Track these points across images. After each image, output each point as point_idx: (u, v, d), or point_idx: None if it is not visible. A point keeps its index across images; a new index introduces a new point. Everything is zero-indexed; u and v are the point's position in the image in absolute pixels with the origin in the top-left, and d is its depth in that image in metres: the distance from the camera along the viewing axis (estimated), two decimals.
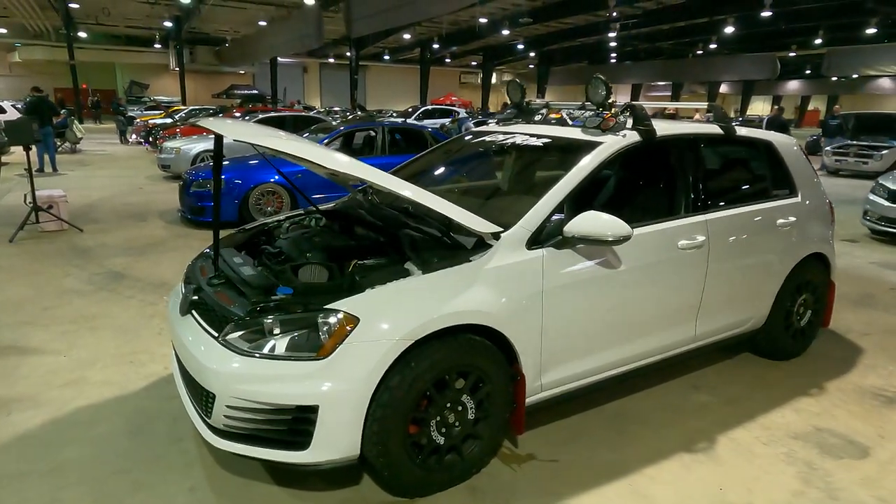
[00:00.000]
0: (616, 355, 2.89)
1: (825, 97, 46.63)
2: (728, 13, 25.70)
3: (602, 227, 2.49)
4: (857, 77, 36.55)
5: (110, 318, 4.27)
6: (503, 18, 27.94)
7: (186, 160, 11.06)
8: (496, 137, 3.49)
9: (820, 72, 36.01)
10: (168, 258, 5.91)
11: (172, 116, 20.17)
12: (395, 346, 2.18)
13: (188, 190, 7.31)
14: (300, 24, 22.33)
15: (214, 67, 36.48)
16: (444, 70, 44.76)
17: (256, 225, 3.53)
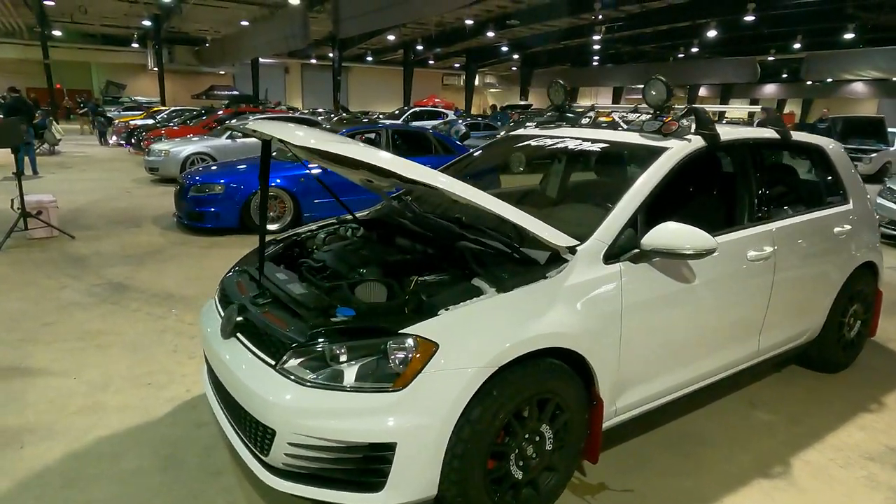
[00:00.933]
0: (688, 374, 2.72)
1: (800, 101, 47.48)
2: (710, 17, 25.92)
3: (684, 240, 2.31)
4: (832, 81, 37.15)
5: (118, 335, 3.97)
6: (488, 20, 27.85)
7: (176, 163, 10.70)
8: (542, 142, 3.29)
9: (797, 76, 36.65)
10: (170, 267, 5.60)
11: (154, 117, 19.65)
12: (479, 373, 1.97)
13: (185, 194, 6.98)
14: (285, 24, 21.95)
15: (194, 67, 35.77)
16: (427, 72, 44.54)
17: (287, 235, 3.28)
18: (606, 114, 3.34)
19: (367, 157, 2.05)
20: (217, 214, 6.84)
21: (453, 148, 8.48)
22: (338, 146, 2.09)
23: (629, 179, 2.63)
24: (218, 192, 6.83)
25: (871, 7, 22.01)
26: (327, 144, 2.10)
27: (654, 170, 2.61)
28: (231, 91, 36.77)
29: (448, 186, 2.04)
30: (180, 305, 4.56)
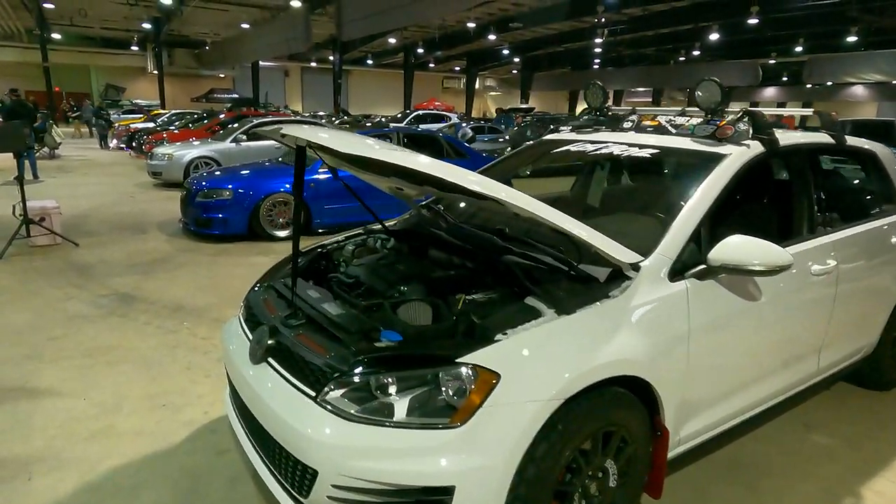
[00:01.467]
0: (751, 397, 2.52)
1: (800, 104, 47.43)
2: (713, 20, 25.78)
3: (756, 255, 2.11)
4: (832, 84, 37.05)
5: (128, 350, 3.77)
6: (489, 23, 27.71)
7: (179, 167, 10.50)
8: (583, 147, 3.10)
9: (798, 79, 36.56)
10: (180, 277, 5.39)
11: (155, 121, 19.45)
12: (545, 407, 1.77)
13: (192, 200, 6.78)
14: (286, 27, 21.78)
15: (193, 71, 35.57)
16: (427, 75, 44.38)
17: (312, 247, 3.08)
18: (651, 117, 3.14)
19: (424, 168, 1.84)
20: (225, 221, 6.64)
21: (464, 151, 8.29)
22: (386, 154, 1.89)
23: (685, 188, 2.44)
24: (226, 197, 6.63)
25: (874, 10, 21.89)
26: (375, 152, 1.90)
27: (714, 178, 2.41)
28: (231, 94, 36.61)
29: (517, 201, 1.84)
30: (192, 318, 4.35)
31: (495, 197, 1.78)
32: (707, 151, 2.59)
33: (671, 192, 2.59)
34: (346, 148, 1.90)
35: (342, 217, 7.17)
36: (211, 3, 24.63)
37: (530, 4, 25.47)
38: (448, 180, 1.78)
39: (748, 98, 47.23)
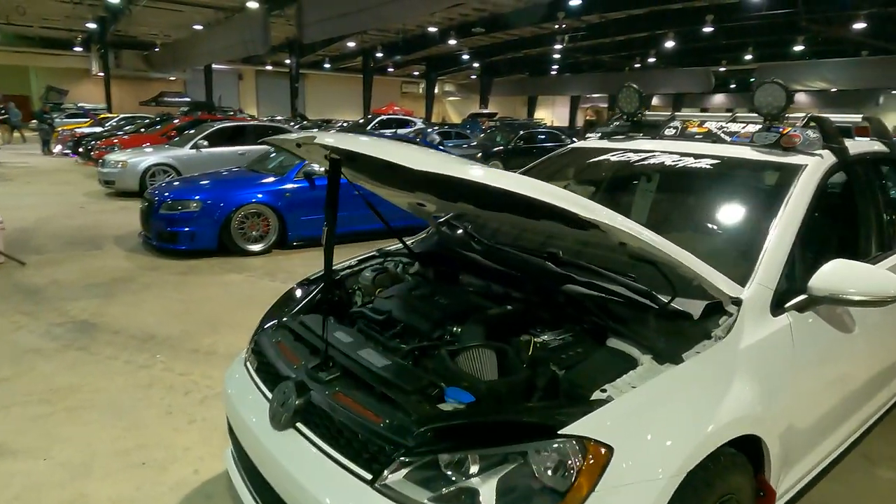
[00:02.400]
0: (842, 435, 2.24)
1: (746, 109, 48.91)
2: (668, 28, 26.26)
3: (866, 282, 1.82)
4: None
5: (94, 393, 3.24)
6: (450, 28, 27.51)
7: (134, 175, 9.80)
8: (623, 157, 2.77)
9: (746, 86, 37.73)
10: (146, 299, 4.83)
11: (102, 125, 18.40)
12: (667, 486, 1.42)
13: (155, 213, 6.18)
14: (243, 29, 20.99)
15: (142, 73, 34.10)
16: (386, 79, 43.86)
17: (319, 274, 2.66)
18: (697, 123, 2.85)
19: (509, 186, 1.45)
20: (192, 235, 6.07)
21: None
22: (458, 168, 1.51)
23: (764, 204, 2.14)
24: (193, 209, 6.07)
25: (822, 21, 22.65)
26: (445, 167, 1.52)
27: (800, 193, 2.12)
28: (182, 98, 35.23)
29: (630, 229, 1.49)
30: (165, 349, 3.83)
31: (612, 225, 1.42)
32: (779, 162, 2.30)
33: (746, 210, 2.29)
34: (420, 164, 1.50)
35: (319, 229, 6.70)
36: (162, 2, 23.58)
37: (491, 10, 25.40)
38: (557, 205, 1.40)
39: (698, 104, 48.65)
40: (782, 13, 21.83)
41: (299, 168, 6.61)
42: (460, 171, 1.48)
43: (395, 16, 15.62)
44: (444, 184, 1.79)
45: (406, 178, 2.09)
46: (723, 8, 22.16)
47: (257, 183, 6.52)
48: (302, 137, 1.92)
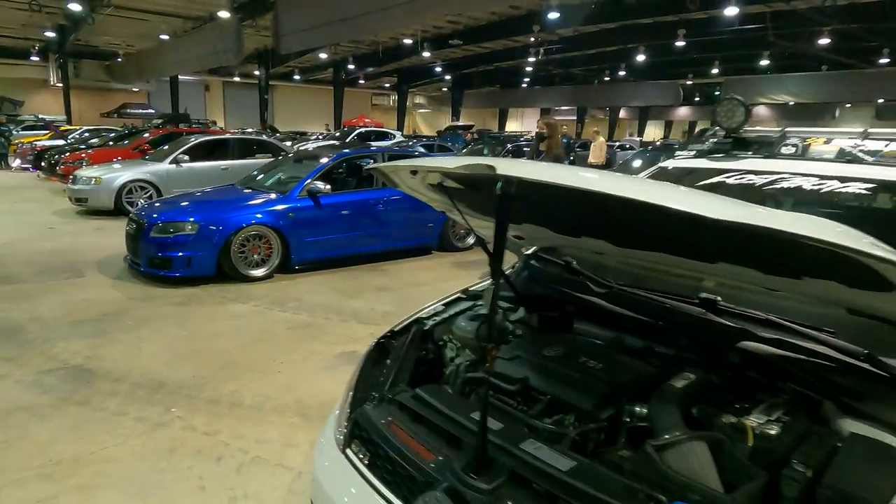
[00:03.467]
0: None
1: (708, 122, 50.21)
2: (639, 42, 26.57)
3: None
4: None
5: (106, 463, 2.70)
6: (423, 40, 27.26)
7: (109, 192, 9.12)
8: (744, 179, 2.41)
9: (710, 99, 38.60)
10: (146, 337, 4.26)
11: (65, 137, 17.44)
12: None
13: (144, 236, 5.60)
14: (215, 38, 20.27)
15: (103, 84, 32.84)
16: (356, 91, 43.36)
17: (403, 324, 2.22)
18: (823, 140, 2.51)
19: None
20: (188, 260, 5.51)
21: None
22: None
23: None
24: (189, 232, 5.51)
25: (788, 36, 23.16)
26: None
27: None
28: (146, 109, 34.13)
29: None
30: (180, 401, 3.31)
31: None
32: None
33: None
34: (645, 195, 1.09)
35: (325, 251, 6.24)
36: (126, 11, 22.66)
37: (465, 23, 25.28)
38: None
39: (662, 117, 49.60)
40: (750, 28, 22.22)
41: (302, 185, 6.12)
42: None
43: (376, 27, 15.22)
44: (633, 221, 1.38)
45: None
46: (693, 23, 22.47)
47: (257, 202, 6.00)
48: (466, 165, 1.46)
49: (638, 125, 48.51)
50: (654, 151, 13.17)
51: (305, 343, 4.23)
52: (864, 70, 27.03)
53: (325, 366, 3.84)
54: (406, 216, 6.87)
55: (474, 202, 2.02)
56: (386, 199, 6.61)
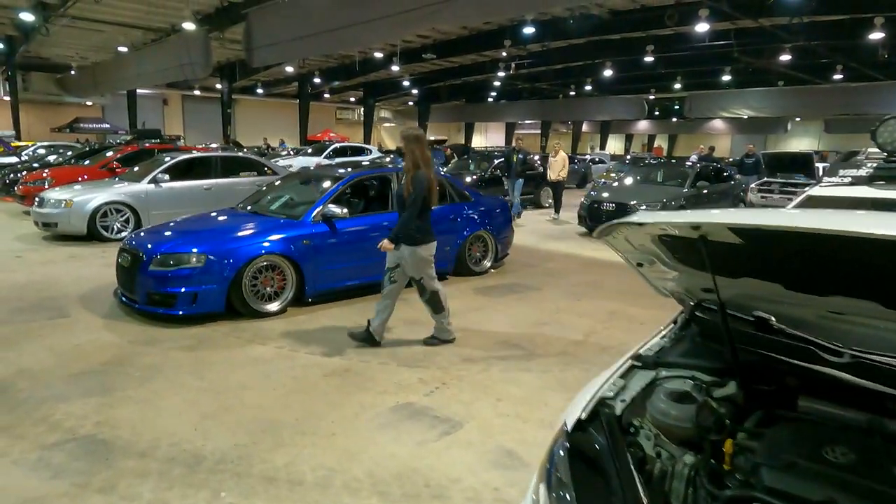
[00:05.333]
0: None
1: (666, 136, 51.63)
2: (607, 58, 26.88)
3: None
4: (695, 118, 40.13)
5: None
6: (392, 54, 26.90)
7: (82, 216, 8.35)
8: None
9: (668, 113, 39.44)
10: (160, 392, 3.64)
11: (18, 154, 16.27)
12: None
13: (143, 269, 4.94)
14: (180, 51, 19.38)
15: (54, 97, 31.30)
16: (321, 105, 42.64)
17: (588, 407, 1.74)
18: None
19: None
20: (193, 297, 4.88)
21: (468, 193, 7.08)
22: None
23: None
24: (195, 265, 4.88)
25: (752, 52, 23.73)
26: None
27: None
28: (101, 124, 32.73)
29: None
30: (228, 480, 2.73)
31: None
32: None
33: None
34: None
35: (340, 280, 5.71)
36: (82, 22, 21.54)
37: (436, 37, 25.09)
38: None
39: (623, 131, 50.56)
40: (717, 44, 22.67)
41: (316, 209, 5.57)
42: None
43: (358, 40, 14.74)
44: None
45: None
46: (661, 39, 22.81)
47: (267, 228, 5.41)
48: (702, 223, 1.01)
49: (600, 139, 49.27)
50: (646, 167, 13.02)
51: (350, 394, 3.69)
52: (818, 85, 27.99)
53: (383, 423, 3.31)
54: None
55: (684, 254, 1.59)
56: None
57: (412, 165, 4.27)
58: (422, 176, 4.21)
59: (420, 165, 4.24)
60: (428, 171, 4.25)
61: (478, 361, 4.27)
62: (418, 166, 4.24)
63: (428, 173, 4.24)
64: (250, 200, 6.49)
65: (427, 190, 4.20)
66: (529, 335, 4.90)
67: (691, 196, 10.16)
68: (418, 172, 4.23)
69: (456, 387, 3.82)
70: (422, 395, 3.68)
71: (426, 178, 4.21)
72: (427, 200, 4.24)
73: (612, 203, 10.08)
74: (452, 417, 3.38)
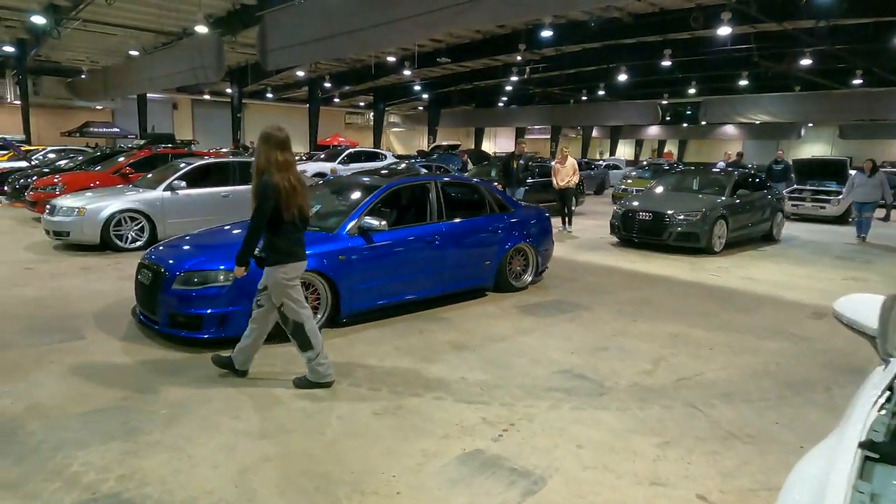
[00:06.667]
0: None
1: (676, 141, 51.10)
2: (622, 62, 26.44)
3: None
4: (706, 124, 39.52)
5: None
6: (404, 58, 26.54)
7: (95, 225, 7.93)
8: None
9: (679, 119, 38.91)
10: (193, 437, 3.16)
11: (27, 159, 15.93)
12: None
13: (165, 288, 4.49)
14: (192, 54, 19.05)
15: (65, 101, 31.12)
16: (330, 110, 42.39)
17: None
18: None
19: None
20: (221, 319, 4.42)
21: (509, 203, 6.61)
22: None
23: None
24: (223, 283, 4.43)
25: (771, 56, 23.23)
26: None
27: None
28: (111, 128, 32.49)
29: None
30: None
31: None
32: None
33: None
34: None
35: (376, 298, 5.25)
36: (94, 25, 21.27)
37: (449, 41, 24.76)
38: None
39: (633, 136, 50.04)
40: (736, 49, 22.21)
41: (352, 221, 5.12)
42: None
43: (381, 41, 14.30)
44: None
45: None
46: (678, 43, 22.39)
47: None
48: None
49: (610, 144, 48.78)
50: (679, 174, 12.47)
51: (408, 438, 3.21)
52: (836, 90, 27.44)
53: (453, 478, 2.83)
54: (464, 253, 5.93)
55: None
56: (442, 233, 5.66)
57: (260, 170, 3.59)
58: (268, 182, 3.51)
59: (270, 170, 3.53)
60: (281, 176, 3.52)
61: (543, 396, 3.79)
62: (268, 171, 3.54)
63: (279, 179, 3.49)
64: None
65: (275, 199, 3.49)
66: (592, 364, 4.42)
67: (730, 206, 9.66)
68: (263, 178, 3.55)
69: (526, 429, 3.34)
70: (490, 441, 3.20)
71: (273, 186, 3.49)
72: (280, 212, 3.53)
73: (648, 212, 9.60)
74: (532, 470, 2.90)
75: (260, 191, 3.54)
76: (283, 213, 3.55)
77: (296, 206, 3.59)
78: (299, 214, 3.65)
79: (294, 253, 3.70)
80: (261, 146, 3.62)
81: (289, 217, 3.58)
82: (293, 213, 3.59)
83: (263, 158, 3.58)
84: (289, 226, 3.62)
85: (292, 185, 3.56)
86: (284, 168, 3.57)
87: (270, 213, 3.53)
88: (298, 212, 3.63)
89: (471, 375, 4.11)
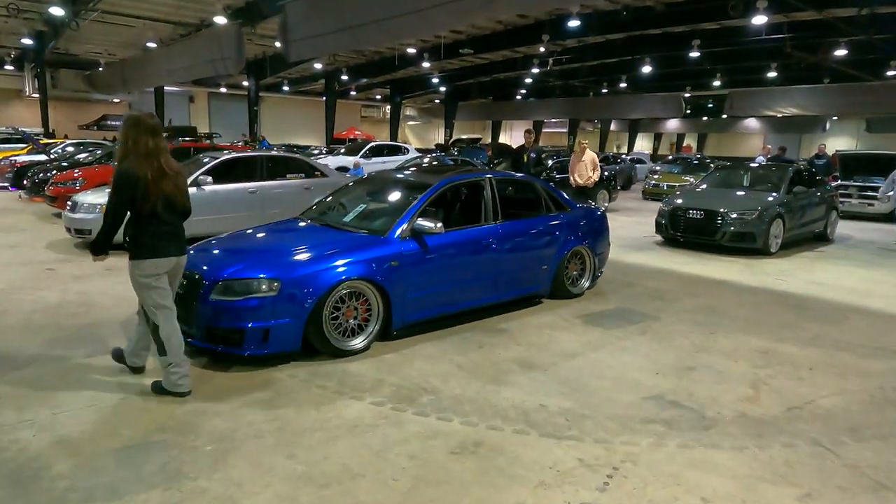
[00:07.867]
0: None
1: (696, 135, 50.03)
2: (646, 54, 25.68)
3: None
4: (726, 117, 38.46)
5: None
6: (423, 50, 25.97)
7: None
8: None
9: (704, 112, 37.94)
10: (245, 480, 2.68)
11: (47, 152, 15.59)
12: None
13: (203, 298, 4.02)
14: (212, 46, 18.63)
15: (82, 94, 30.90)
16: (346, 103, 41.89)
17: None
18: None
19: None
20: (265, 333, 3.94)
21: (565, 203, 6.07)
22: None
23: None
24: (266, 293, 3.95)
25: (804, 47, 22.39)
26: None
27: None
28: None
29: None
30: None
31: None
32: None
33: None
34: None
35: (429, 309, 4.77)
36: (112, 16, 20.92)
37: (470, 32, 24.16)
38: None
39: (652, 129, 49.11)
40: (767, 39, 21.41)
41: (405, 222, 4.62)
42: None
43: (408, 30, 13.73)
44: None
45: None
46: (706, 33, 21.64)
47: (347, 247, 4.45)
48: None
49: (628, 138, 47.84)
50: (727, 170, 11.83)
51: (497, 485, 2.71)
52: (867, 82, 26.46)
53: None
54: (521, 257, 5.43)
55: None
56: (499, 235, 5.15)
57: (121, 157, 3.33)
58: (123, 171, 3.25)
59: (130, 157, 3.27)
60: (147, 163, 3.23)
61: (640, 430, 3.28)
62: (127, 159, 3.27)
63: (139, 168, 3.22)
64: (316, 211, 5.55)
65: (130, 190, 3.22)
66: (683, 387, 3.89)
67: (787, 203, 9.05)
68: (122, 167, 3.27)
69: (633, 474, 2.83)
70: (595, 490, 2.69)
71: (128, 175, 3.23)
72: (138, 203, 3.25)
73: (699, 210, 9.01)
74: None
75: (114, 180, 3.27)
76: (139, 204, 3.26)
77: (159, 195, 3.28)
78: (166, 204, 3.33)
79: (154, 248, 3.38)
80: (129, 131, 3.30)
81: (148, 208, 3.27)
82: (154, 203, 3.28)
83: (131, 143, 3.27)
84: (150, 218, 3.32)
85: (158, 174, 3.29)
86: (154, 154, 3.29)
87: (128, 204, 3.26)
88: (165, 202, 3.32)
89: (551, 402, 3.60)
